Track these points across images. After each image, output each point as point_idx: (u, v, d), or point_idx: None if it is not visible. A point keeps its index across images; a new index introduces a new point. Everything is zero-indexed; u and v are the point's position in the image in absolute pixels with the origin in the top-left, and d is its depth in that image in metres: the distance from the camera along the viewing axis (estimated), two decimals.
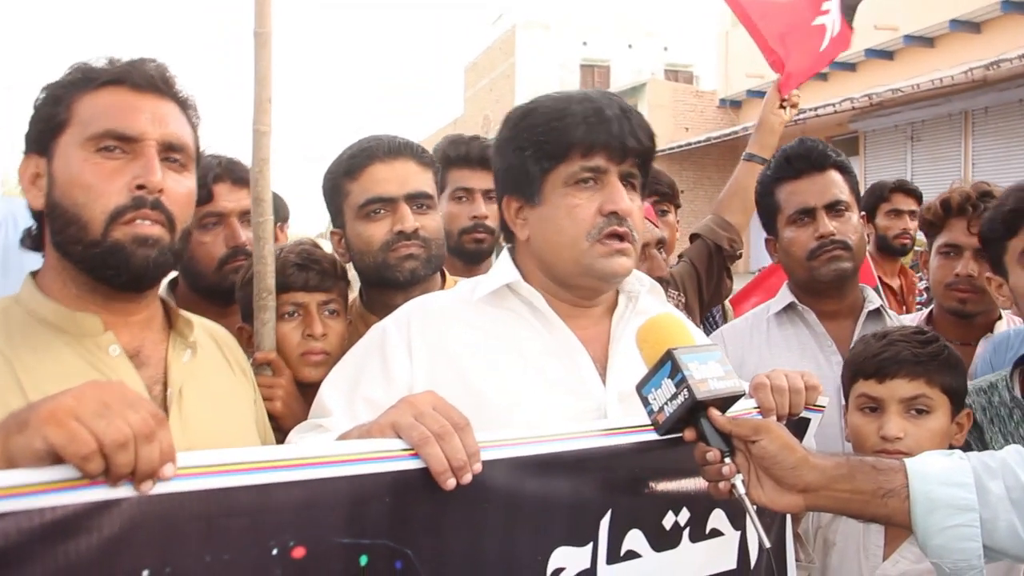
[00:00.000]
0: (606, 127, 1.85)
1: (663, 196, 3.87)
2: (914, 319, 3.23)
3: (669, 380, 1.61)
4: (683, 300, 3.40)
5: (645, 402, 1.66)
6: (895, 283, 5.14)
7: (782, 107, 3.67)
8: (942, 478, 1.60)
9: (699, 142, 23.51)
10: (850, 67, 19.15)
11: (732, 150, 21.57)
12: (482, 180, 3.13)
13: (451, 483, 1.44)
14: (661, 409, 1.63)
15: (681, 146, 23.84)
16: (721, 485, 1.62)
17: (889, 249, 5.18)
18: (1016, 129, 16.21)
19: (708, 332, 3.05)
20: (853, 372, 2.24)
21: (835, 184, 2.71)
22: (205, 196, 2.62)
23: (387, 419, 1.52)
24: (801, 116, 15.15)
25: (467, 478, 1.45)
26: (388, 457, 1.45)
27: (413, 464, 1.45)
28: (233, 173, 2.73)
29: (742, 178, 3.58)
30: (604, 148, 1.86)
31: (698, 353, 1.65)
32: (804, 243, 2.71)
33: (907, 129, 18.51)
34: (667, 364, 1.61)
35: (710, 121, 25.81)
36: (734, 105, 25.30)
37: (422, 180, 2.48)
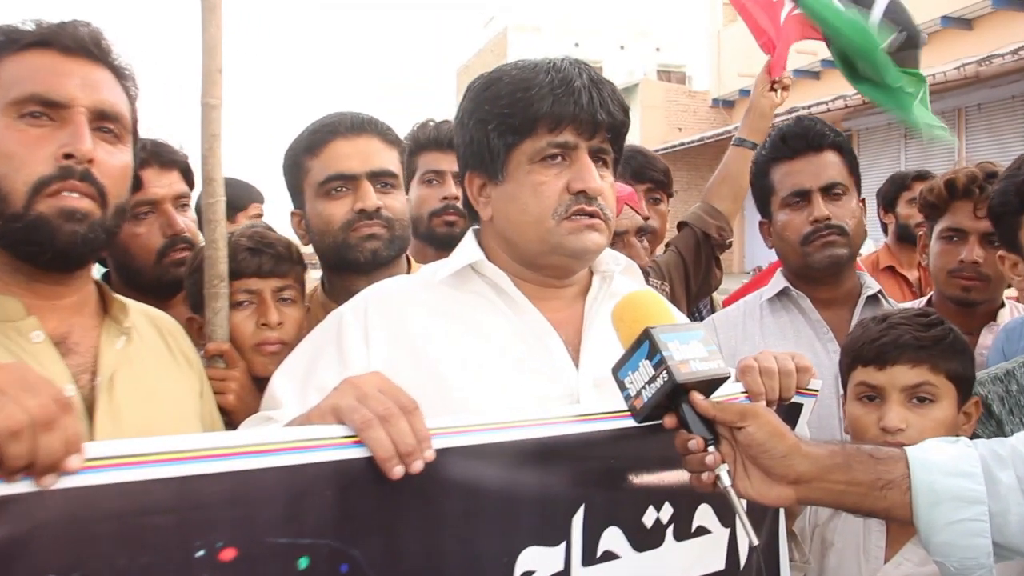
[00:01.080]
0: (575, 99, 1.72)
1: (657, 184, 3.66)
2: (910, 305, 3.06)
3: (647, 361, 1.47)
4: (668, 290, 3.25)
5: (621, 386, 1.52)
6: (912, 275, 4.96)
7: (773, 89, 3.52)
8: (947, 467, 1.46)
9: (692, 142, 23.43)
10: (814, 73, 19.08)
11: (725, 150, 21.35)
12: (453, 162, 2.98)
13: (398, 471, 1.30)
14: (639, 393, 1.49)
15: (674, 146, 23.75)
16: (704, 476, 1.48)
17: (910, 238, 5.00)
18: (1009, 125, 16.17)
19: None
20: (851, 358, 2.09)
21: (832, 165, 2.58)
22: (133, 184, 2.50)
23: (328, 403, 1.38)
24: (794, 115, 15.06)
25: (417, 466, 1.31)
26: (328, 445, 1.29)
27: (357, 452, 1.30)
28: (160, 156, 2.55)
29: (732, 163, 3.44)
30: (573, 122, 1.73)
31: (679, 332, 1.50)
32: (798, 227, 2.57)
33: (900, 127, 18.39)
34: (645, 344, 1.47)
35: (703, 121, 25.77)
36: (727, 105, 25.27)
37: (386, 158, 2.36)
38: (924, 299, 3.10)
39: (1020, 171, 2.15)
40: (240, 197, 4.08)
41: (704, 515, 1.70)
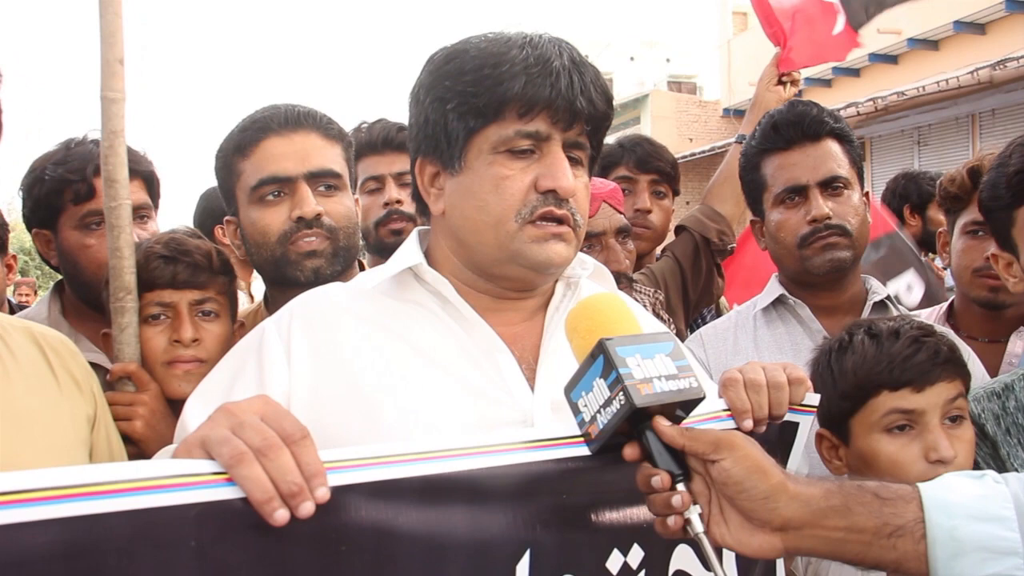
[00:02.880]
0: (552, 81, 1.47)
1: (664, 176, 3.35)
2: (931, 313, 2.80)
3: (601, 380, 1.24)
4: (663, 299, 2.98)
5: (575, 409, 1.29)
6: None
7: (781, 83, 3.26)
8: (972, 510, 1.21)
9: (703, 152, 23.18)
10: (854, 72, 18.91)
11: None
12: (391, 164, 2.83)
13: (280, 515, 1.05)
14: (593, 419, 1.26)
15: (685, 157, 23.50)
16: (671, 521, 1.23)
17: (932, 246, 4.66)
18: None
19: None
20: (873, 384, 1.78)
21: (832, 157, 2.31)
22: (85, 192, 2.32)
23: (197, 434, 1.14)
24: None
25: (305, 508, 1.06)
26: (192, 483, 1.05)
27: (230, 493, 1.06)
28: None
29: (734, 162, 3.10)
30: (547, 108, 1.48)
31: (640, 344, 1.26)
32: (794, 227, 2.31)
33: (914, 134, 18.26)
34: (599, 359, 1.24)
35: (714, 132, 25.51)
36: (738, 114, 24.95)
37: (327, 156, 2.11)
38: (944, 305, 2.82)
39: (1010, 160, 1.88)
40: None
41: (683, 558, 1.45)
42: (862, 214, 2.33)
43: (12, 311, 3.24)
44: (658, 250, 3.41)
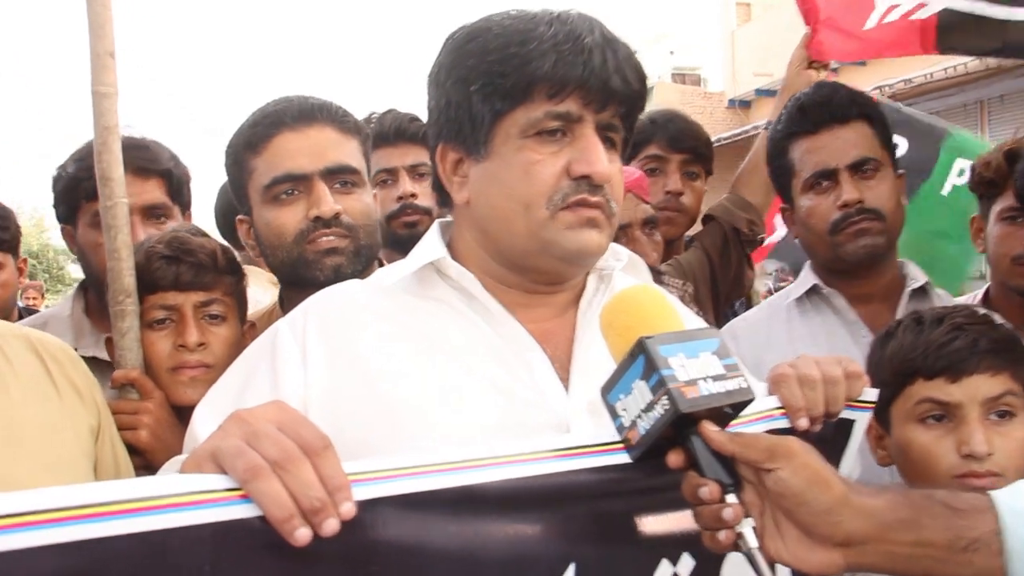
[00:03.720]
0: (584, 59, 1.36)
1: (697, 156, 3.17)
2: (965, 301, 2.67)
3: (642, 383, 1.13)
4: (691, 291, 2.88)
5: (613, 413, 1.18)
6: None
7: (811, 67, 3.13)
8: None
9: None
10: (860, 61, 18.77)
11: (743, 150, 20.85)
12: (404, 155, 2.72)
13: (302, 534, 0.95)
14: (633, 424, 1.15)
15: None
16: (722, 535, 1.13)
17: None
18: None
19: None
20: (908, 371, 1.71)
21: (862, 138, 2.21)
22: (94, 190, 2.20)
23: (207, 446, 1.04)
24: None
25: (330, 525, 0.97)
26: (205, 502, 0.96)
27: (245, 511, 0.97)
28: (135, 161, 2.27)
29: (763, 150, 3.00)
30: (579, 88, 1.37)
31: (684, 342, 1.16)
32: (824, 214, 2.21)
33: None
34: (639, 359, 1.14)
35: (719, 123, 25.37)
36: (743, 105, 24.90)
37: (344, 151, 1.99)
38: (978, 293, 2.71)
39: None
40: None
41: (735, 568, 1.33)
42: (896, 197, 2.23)
43: (20, 316, 3.18)
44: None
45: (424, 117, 1.62)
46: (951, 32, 3.20)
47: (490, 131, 1.42)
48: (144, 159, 2.33)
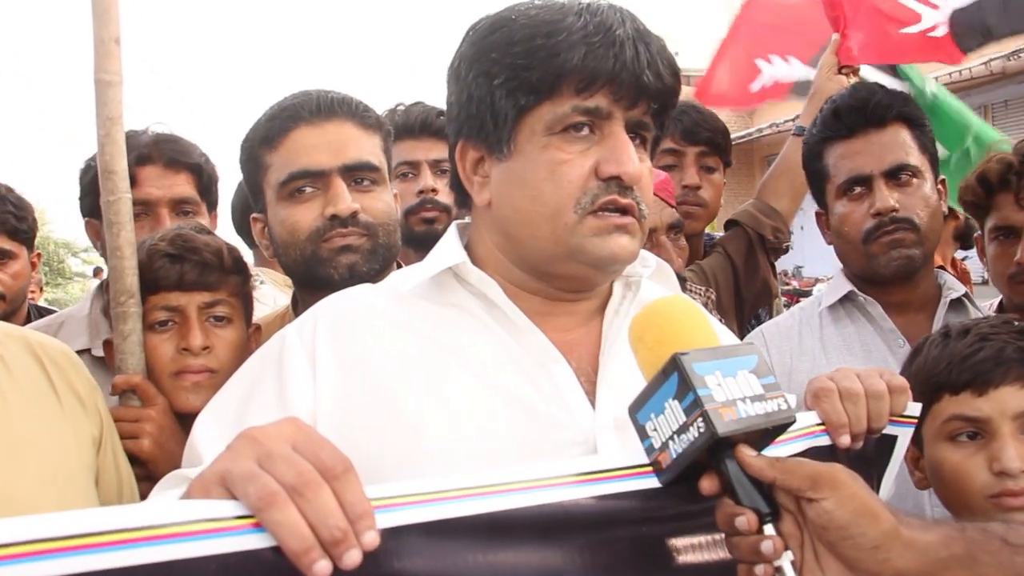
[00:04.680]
0: (615, 52, 1.28)
1: (714, 147, 3.06)
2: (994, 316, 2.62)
3: (675, 403, 1.06)
4: (714, 298, 2.79)
5: (642, 434, 1.11)
6: None
7: (841, 72, 3.05)
8: None
9: None
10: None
11: (747, 153, 21.20)
12: (428, 150, 2.65)
13: (321, 568, 0.88)
14: (664, 446, 1.08)
15: None
16: (759, 570, 1.05)
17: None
18: None
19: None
20: (933, 386, 1.63)
21: (899, 144, 2.13)
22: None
23: (216, 468, 0.96)
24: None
25: (351, 557, 0.89)
26: (213, 531, 0.88)
27: (259, 541, 0.89)
28: (164, 154, 2.33)
29: (791, 156, 2.91)
30: (610, 82, 1.30)
31: (721, 359, 1.09)
32: (858, 221, 2.14)
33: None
34: (672, 377, 1.07)
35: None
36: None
37: (363, 146, 1.92)
38: (994, 302, 2.65)
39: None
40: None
41: None
42: (933, 206, 2.15)
43: (28, 314, 3.13)
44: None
45: None
46: (968, 33, 3.24)
47: (514, 128, 1.35)
48: (175, 151, 2.30)
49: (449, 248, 1.46)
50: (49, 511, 0.83)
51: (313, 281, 1.89)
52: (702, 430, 1.04)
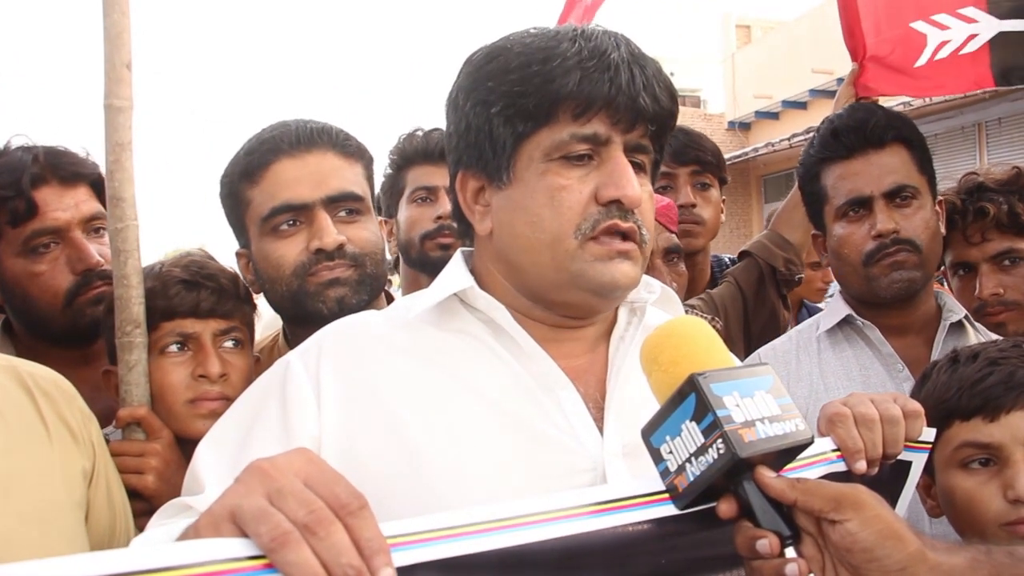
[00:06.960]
0: (611, 76, 1.28)
1: (705, 166, 3.07)
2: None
3: (693, 424, 1.04)
4: (721, 327, 2.75)
5: (656, 457, 1.09)
6: None
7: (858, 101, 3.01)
8: None
9: None
10: None
11: (743, 173, 21.21)
12: (446, 176, 2.58)
13: None
14: (681, 469, 1.06)
15: None
16: None
17: None
18: None
19: None
20: (943, 413, 1.61)
21: (898, 165, 2.11)
22: (25, 210, 1.93)
23: (224, 503, 0.93)
24: (808, 136, 14.72)
25: None
26: (224, 572, 0.85)
27: None
28: (59, 169, 2.00)
29: None
30: (607, 107, 1.29)
31: (738, 379, 1.07)
32: (858, 244, 2.12)
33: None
34: (689, 398, 1.05)
35: (719, 144, 25.08)
36: (743, 127, 24.90)
37: (346, 177, 1.90)
38: None
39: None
40: None
41: None
42: (933, 227, 2.13)
43: None
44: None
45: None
46: (1005, 60, 3.06)
47: (512, 155, 1.35)
48: (74, 164, 2.05)
49: (456, 274, 1.44)
50: (30, 550, 0.80)
51: (303, 317, 1.86)
52: (722, 451, 1.02)
